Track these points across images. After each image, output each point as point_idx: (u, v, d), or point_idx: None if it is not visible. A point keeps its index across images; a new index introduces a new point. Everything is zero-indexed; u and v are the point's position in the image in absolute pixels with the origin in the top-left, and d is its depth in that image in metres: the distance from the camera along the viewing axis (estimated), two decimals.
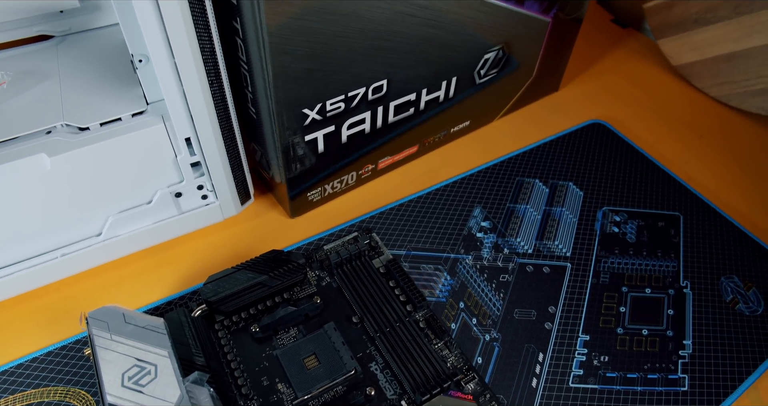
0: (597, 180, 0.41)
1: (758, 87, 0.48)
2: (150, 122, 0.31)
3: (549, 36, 0.42)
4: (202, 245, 0.36)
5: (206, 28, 0.28)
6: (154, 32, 0.26)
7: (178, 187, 0.33)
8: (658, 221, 0.39)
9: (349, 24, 0.29)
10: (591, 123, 0.46)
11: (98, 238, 0.34)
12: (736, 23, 0.48)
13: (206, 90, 0.29)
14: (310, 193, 0.36)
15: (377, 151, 0.38)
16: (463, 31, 0.35)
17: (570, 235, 0.37)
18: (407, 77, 0.34)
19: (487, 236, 0.37)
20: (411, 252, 0.36)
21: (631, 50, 0.55)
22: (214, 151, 0.32)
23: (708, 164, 0.44)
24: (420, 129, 0.39)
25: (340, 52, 0.30)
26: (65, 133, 0.31)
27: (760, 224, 0.40)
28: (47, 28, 0.37)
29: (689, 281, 0.36)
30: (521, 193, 0.39)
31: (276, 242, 0.36)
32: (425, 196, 0.39)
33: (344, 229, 0.37)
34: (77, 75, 0.34)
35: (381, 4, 0.29)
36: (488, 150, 0.43)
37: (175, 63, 0.28)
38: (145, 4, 0.25)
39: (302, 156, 0.34)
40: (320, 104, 0.32)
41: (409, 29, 0.32)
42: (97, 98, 0.32)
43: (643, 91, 0.51)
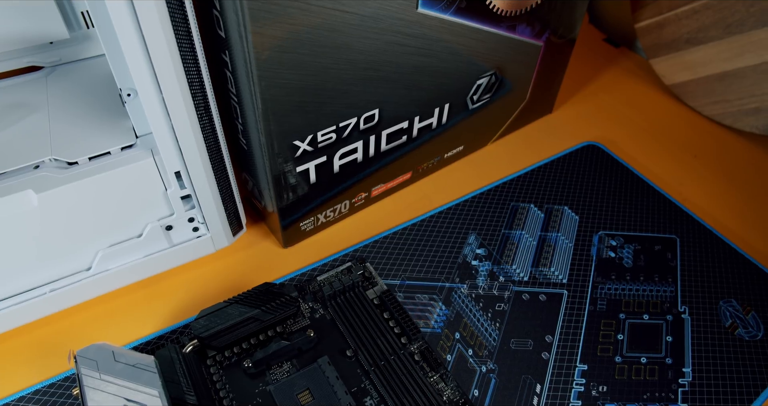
0: (592, 203, 0.41)
1: (751, 106, 0.48)
2: (139, 156, 0.30)
3: (542, 59, 0.42)
4: (194, 277, 0.36)
5: (195, 62, 0.28)
6: (141, 67, 0.26)
7: (169, 220, 0.33)
8: (654, 244, 0.39)
9: (340, 56, 0.29)
10: (585, 145, 0.46)
11: (88, 272, 0.33)
12: (727, 43, 0.48)
13: (195, 124, 0.29)
14: (302, 223, 0.36)
15: (370, 178, 0.37)
16: (455, 59, 0.35)
17: (566, 261, 0.37)
18: (399, 106, 0.34)
19: (483, 264, 0.36)
20: (406, 282, 0.35)
21: (624, 69, 0.55)
22: (205, 185, 0.32)
23: (703, 185, 0.44)
24: (413, 155, 0.39)
25: (331, 83, 0.30)
26: (53, 168, 0.30)
27: (757, 245, 0.39)
28: (37, 59, 0.37)
29: (687, 306, 0.35)
30: (516, 218, 0.39)
31: (269, 273, 0.36)
32: (419, 224, 0.38)
33: (338, 258, 0.36)
34: (66, 107, 0.34)
35: (371, 34, 0.29)
36: (482, 174, 0.42)
37: (162, 97, 0.27)
38: (131, 38, 0.25)
39: (294, 186, 0.33)
40: (311, 135, 0.31)
41: (400, 59, 0.32)
42: (86, 131, 0.32)
43: (636, 111, 0.51)
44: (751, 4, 0.45)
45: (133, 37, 0.25)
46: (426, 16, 0.31)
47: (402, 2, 0.29)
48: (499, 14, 0.35)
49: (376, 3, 0.28)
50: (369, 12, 0.28)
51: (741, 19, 0.46)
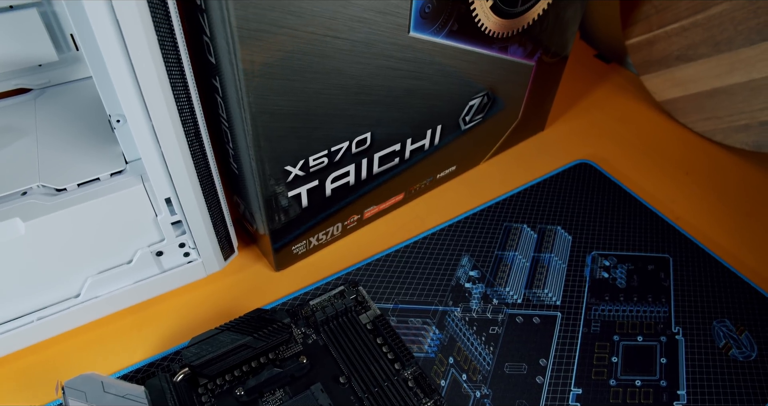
0: (585, 223, 0.41)
1: (741, 123, 0.48)
2: (129, 183, 0.30)
3: (534, 79, 0.42)
4: (185, 302, 0.35)
5: (185, 88, 0.28)
6: (129, 94, 0.26)
7: (159, 246, 0.33)
8: (647, 264, 0.39)
9: (331, 81, 0.29)
10: (578, 163, 0.46)
11: (77, 299, 0.33)
12: (716, 60, 0.48)
13: (185, 150, 0.29)
14: (294, 247, 0.36)
15: (362, 200, 0.37)
16: (447, 81, 0.35)
17: (559, 282, 0.37)
18: (391, 129, 0.34)
19: (476, 286, 0.36)
20: (399, 305, 0.35)
21: (615, 86, 0.56)
22: (195, 211, 0.31)
23: (695, 202, 0.44)
24: (405, 177, 0.38)
25: (323, 108, 0.29)
26: (41, 195, 0.30)
27: (748, 262, 0.39)
28: (26, 82, 0.36)
29: (681, 327, 0.35)
30: (509, 239, 0.39)
31: (261, 297, 0.36)
32: (412, 245, 0.38)
33: (331, 282, 0.36)
34: (55, 131, 0.33)
35: (363, 59, 0.29)
36: (475, 194, 0.42)
37: (152, 124, 0.27)
38: (119, 65, 0.25)
39: (285, 210, 0.33)
40: (303, 160, 0.31)
41: (392, 82, 0.31)
42: (74, 156, 0.32)
43: (628, 127, 0.51)
44: (739, 22, 0.46)
45: (121, 63, 0.25)
46: (418, 40, 0.31)
47: (394, 27, 0.29)
48: (491, 36, 0.35)
49: (367, 28, 0.28)
50: (360, 37, 0.28)
51: (729, 37, 0.47)
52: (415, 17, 0.29)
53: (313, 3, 0.25)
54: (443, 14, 0.31)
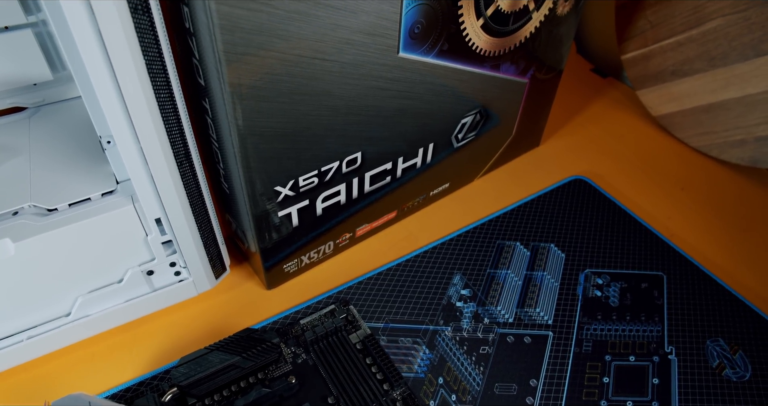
0: (579, 240, 0.41)
1: (737, 138, 0.48)
2: (119, 203, 0.30)
3: (527, 95, 0.42)
4: (176, 320, 0.35)
5: (174, 110, 0.28)
6: (117, 116, 0.26)
7: (150, 265, 0.33)
8: (641, 282, 0.38)
9: (320, 102, 0.29)
10: (572, 179, 0.45)
11: (67, 318, 0.33)
12: (711, 76, 0.48)
13: (175, 172, 0.29)
14: (286, 265, 0.36)
15: (354, 219, 0.37)
16: (438, 99, 0.35)
17: (552, 301, 0.37)
18: (382, 148, 0.34)
19: (467, 305, 0.36)
20: (389, 325, 0.35)
21: (611, 100, 0.56)
22: (185, 231, 0.31)
23: (690, 218, 0.44)
24: (397, 194, 0.38)
25: (312, 129, 0.30)
26: (31, 215, 0.30)
27: (744, 281, 0.39)
28: (20, 100, 0.37)
29: (674, 346, 0.35)
30: (502, 257, 0.39)
31: (252, 315, 0.36)
32: (404, 264, 0.38)
33: (322, 300, 0.36)
34: (48, 151, 0.33)
35: (352, 81, 0.29)
36: (469, 211, 0.42)
37: (140, 146, 0.27)
38: (107, 89, 0.25)
39: (276, 229, 0.33)
40: (293, 181, 0.31)
41: (381, 102, 0.32)
42: (67, 176, 0.32)
43: (624, 142, 0.51)
44: (733, 38, 0.46)
45: (109, 87, 0.25)
46: (408, 60, 0.31)
47: (383, 48, 0.29)
48: (483, 54, 0.35)
49: (355, 50, 0.28)
50: (349, 59, 0.28)
51: (724, 52, 0.47)
52: (405, 38, 0.30)
53: (300, 26, 0.25)
54: (433, 34, 0.31)
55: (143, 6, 0.24)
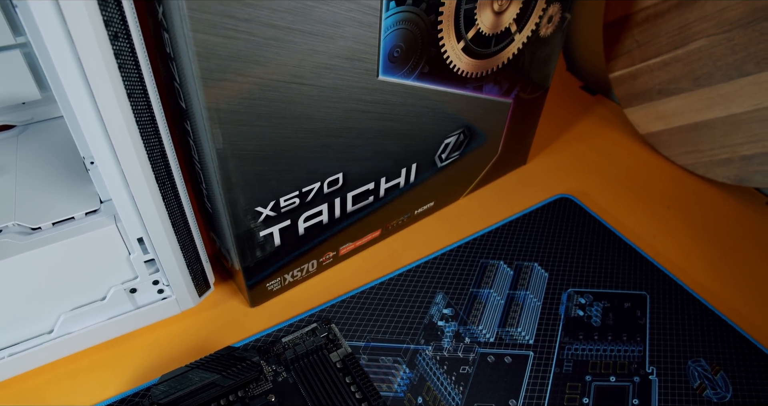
0: (563, 259, 0.41)
1: (722, 157, 0.49)
2: (102, 223, 0.31)
3: (512, 115, 0.42)
4: (159, 337, 0.36)
5: (156, 133, 0.28)
6: (98, 140, 0.26)
7: (133, 283, 0.33)
8: (624, 301, 0.39)
9: (299, 125, 0.29)
10: (558, 197, 0.46)
11: (49, 335, 0.33)
12: (697, 95, 0.49)
13: (156, 193, 0.29)
14: (269, 284, 0.36)
15: (337, 238, 0.37)
16: (420, 121, 0.35)
17: (533, 320, 0.37)
18: (364, 169, 0.34)
19: (449, 324, 0.36)
20: (371, 343, 0.35)
21: (600, 118, 0.56)
22: (167, 250, 0.32)
23: (675, 238, 0.44)
24: (381, 213, 0.39)
25: (292, 151, 0.30)
26: (15, 234, 0.30)
27: (727, 300, 0.39)
28: (9, 119, 0.37)
29: (655, 367, 0.35)
30: (485, 276, 0.39)
31: (236, 333, 0.36)
32: (388, 282, 0.38)
33: (304, 318, 0.36)
34: (34, 169, 0.34)
35: (331, 104, 0.30)
36: (454, 230, 0.43)
37: (121, 169, 0.28)
38: (88, 114, 0.25)
39: (258, 248, 0.34)
40: (273, 201, 0.32)
41: (362, 124, 0.32)
42: (51, 195, 0.32)
43: (611, 160, 0.51)
44: (718, 58, 0.46)
45: (89, 112, 0.25)
46: (387, 83, 0.31)
47: (362, 72, 0.30)
48: (464, 76, 0.35)
49: (334, 74, 0.28)
50: (327, 83, 0.29)
51: (709, 72, 0.47)
52: (384, 62, 0.30)
53: (278, 52, 0.26)
54: (413, 58, 0.31)
55: (123, 33, 0.24)
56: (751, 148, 0.46)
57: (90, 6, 0.22)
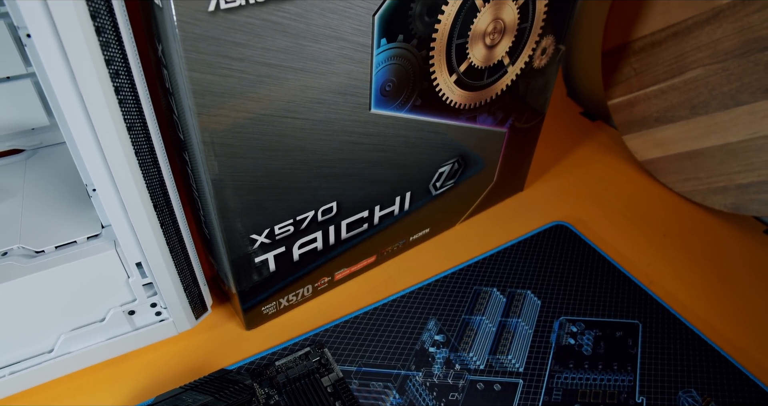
0: (556, 287, 0.41)
1: (719, 185, 0.49)
2: (103, 247, 0.32)
3: (507, 144, 0.43)
4: (155, 358, 0.36)
5: (155, 163, 0.29)
6: (99, 170, 0.28)
7: (131, 305, 0.34)
8: (616, 330, 0.39)
9: (293, 157, 0.30)
10: (554, 225, 0.46)
11: (50, 354, 0.34)
12: (694, 123, 0.49)
13: (154, 220, 0.30)
14: (264, 308, 0.37)
15: (332, 263, 0.38)
16: (413, 151, 0.36)
17: (524, 348, 0.37)
18: (358, 197, 0.35)
19: (440, 351, 0.37)
20: (362, 368, 0.35)
21: (598, 144, 0.57)
22: (165, 275, 0.33)
23: (670, 266, 0.44)
24: (376, 240, 0.40)
25: (286, 182, 0.31)
26: (19, 257, 0.31)
27: (721, 330, 0.39)
28: (18, 143, 0.38)
29: (645, 397, 0.35)
30: (478, 303, 0.40)
31: (231, 355, 0.37)
32: (381, 307, 0.39)
33: (299, 342, 0.37)
34: (40, 193, 0.35)
35: (324, 136, 0.31)
36: (449, 256, 0.43)
37: (120, 198, 0.29)
38: (89, 145, 0.26)
39: (253, 273, 0.34)
40: (268, 229, 0.32)
41: (355, 155, 0.33)
42: (55, 218, 0.33)
43: (609, 187, 0.51)
44: (713, 87, 0.47)
45: (91, 144, 0.26)
46: (380, 116, 0.32)
47: (354, 106, 0.31)
48: (457, 108, 0.36)
49: (326, 108, 0.30)
50: (320, 117, 0.30)
51: (705, 100, 0.48)
52: (376, 95, 0.31)
53: (270, 89, 0.27)
54: (405, 91, 0.32)
55: (124, 70, 0.25)
56: (747, 176, 0.47)
57: (92, 46, 0.24)
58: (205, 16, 0.23)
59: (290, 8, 0.25)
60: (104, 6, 0.23)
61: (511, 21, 0.35)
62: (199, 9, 0.23)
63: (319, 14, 0.26)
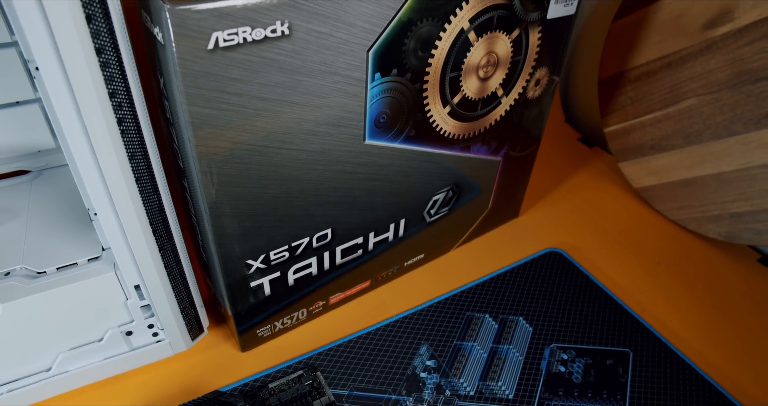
0: (548, 314, 0.42)
1: (713, 213, 0.49)
2: (102, 270, 0.32)
3: (501, 172, 0.44)
4: (151, 378, 0.37)
5: (155, 190, 0.30)
6: (100, 197, 0.29)
7: (129, 326, 0.35)
8: (606, 358, 0.39)
9: (289, 186, 0.31)
10: (548, 251, 0.47)
11: (47, 373, 0.35)
12: (688, 152, 0.50)
13: (152, 245, 0.31)
14: (259, 330, 0.38)
15: (327, 288, 0.39)
16: (408, 180, 0.37)
17: (515, 375, 0.38)
18: (352, 224, 0.36)
19: (431, 376, 0.37)
20: (354, 392, 0.36)
21: (595, 170, 0.57)
22: (162, 298, 0.33)
23: (663, 294, 0.45)
24: (371, 265, 0.40)
25: (281, 210, 0.32)
26: (21, 277, 0.32)
27: (712, 360, 0.40)
28: (25, 165, 0.40)
29: None
30: (470, 329, 0.40)
31: (225, 376, 0.37)
32: (374, 332, 0.39)
33: (292, 365, 0.37)
34: (44, 214, 0.36)
35: (319, 166, 0.32)
36: (443, 282, 0.44)
37: (120, 223, 0.30)
38: (92, 174, 0.27)
39: (249, 297, 0.35)
40: (264, 255, 0.33)
41: (349, 184, 0.34)
42: (58, 240, 0.34)
43: (604, 214, 0.52)
44: (707, 117, 0.48)
45: (93, 172, 0.27)
46: (374, 146, 0.33)
47: (349, 137, 0.31)
48: (451, 138, 0.37)
49: (321, 140, 0.30)
50: (315, 148, 0.31)
51: (699, 130, 0.49)
52: (370, 127, 0.32)
53: (267, 121, 0.28)
54: (399, 123, 0.33)
55: (127, 102, 0.26)
56: (740, 205, 0.47)
57: (97, 80, 0.25)
58: (205, 53, 0.24)
59: (286, 45, 0.26)
60: (109, 42, 0.25)
61: (504, 54, 0.36)
62: (199, 47, 0.24)
63: (315, 51, 0.27)
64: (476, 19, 0.32)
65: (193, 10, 0.23)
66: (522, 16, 0.34)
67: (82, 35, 0.23)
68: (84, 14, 0.23)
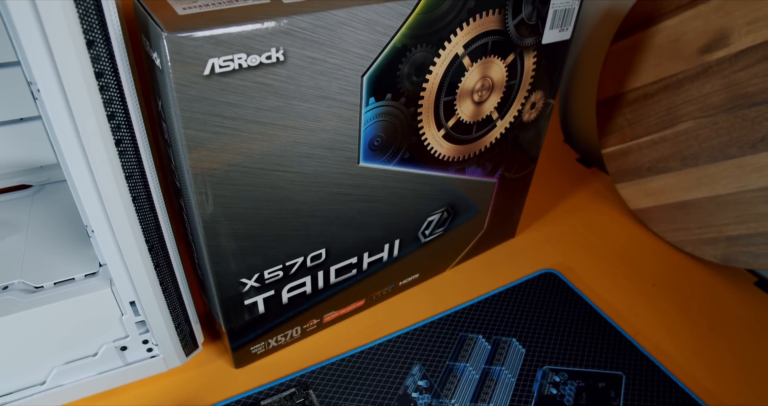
0: (541, 335, 0.42)
1: (709, 236, 0.50)
2: (99, 286, 0.33)
3: (497, 194, 0.44)
4: (144, 393, 0.37)
5: (151, 209, 0.31)
6: (97, 216, 0.29)
7: (124, 341, 0.35)
8: (599, 381, 0.39)
9: (283, 207, 0.32)
10: (543, 272, 0.47)
11: (42, 386, 0.35)
12: (684, 174, 0.50)
13: (148, 263, 0.32)
14: (253, 347, 0.38)
15: (321, 306, 0.39)
16: (402, 201, 0.37)
17: (506, 396, 0.38)
18: (346, 245, 0.36)
19: (422, 397, 0.37)
20: None
21: (593, 191, 0.58)
22: (157, 314, 0.34)
23: (657, 317, 0.45)
24: (365, 285, 0.41)
25: (276, 231, 0.32)
26: (18, 292, 0.33)
27: (705, 383, 0.40)
28: (27, 179, 0.40)
29: None
30: (463, 350, 0.40)
31: (218, 393, 0.37)
32: (367, 351, 0.40)
33: (285, 383, 0.38)
34: (44, 229, 0.37)
35: (314, 188, 0.32)
36: (438, 302, 0.44)
37: (117, 242, 0.30)
38: (90, 194, 0.28)
39: (243, 314, 0.35)
40: (258, 274, 0.34)
41: (344, 206, 0.34)
42: (56, 255, 0.35)
43: (600, 235, 0.52)
44: (703, 140, 0.48)
45: (90, 191, 0.28)
46: (368, 169, 0.34)
47: (343, 160, 0.32)
48: (446, 160, 0.38)
49: (316, 162, 0.31)
50: (310, 170, 0.31)
51: (695, 153, 0.49)
52: (365, 150, 0.32)
53: (262, 145, 0.28)
54: (393, 146, 0.34)
55: (125, 124, 0.27)
56: (736, 228, 0.48)
57: (96, 102, 0.25)
58: (201, 79, 0.25)
59: (281, 71, 0.26)
60: (109, 66, 0.25)
61: (499, 79, 0.36)
62: (195, 73, 0.24)
63: (309, 76, 0.27)
64: (471, 45, 0.33)
65: (190, 37, 0.23)
66: (517, 42, 0.35)
67: (82, 60, 0.24)
68: (85, 40, 0.24)
